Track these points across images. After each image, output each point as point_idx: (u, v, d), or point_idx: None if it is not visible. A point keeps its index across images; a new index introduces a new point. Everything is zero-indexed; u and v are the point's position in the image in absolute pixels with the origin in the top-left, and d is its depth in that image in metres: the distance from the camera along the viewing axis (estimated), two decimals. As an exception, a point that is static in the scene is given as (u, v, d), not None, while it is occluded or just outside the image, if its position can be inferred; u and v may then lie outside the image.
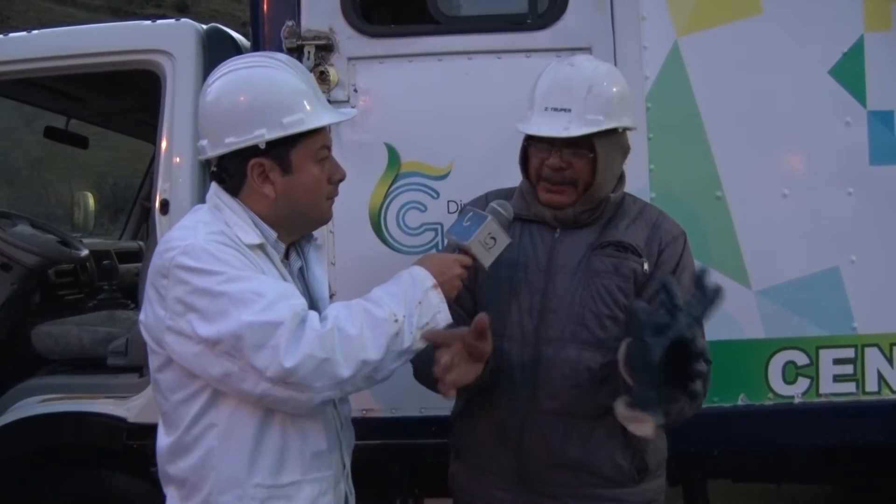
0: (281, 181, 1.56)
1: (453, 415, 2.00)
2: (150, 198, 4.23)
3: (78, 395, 2.82)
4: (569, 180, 1.80)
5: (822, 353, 2.46)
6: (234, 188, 1.59)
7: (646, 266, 1.81)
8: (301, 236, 1.70)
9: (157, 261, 1.50)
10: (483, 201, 1.96)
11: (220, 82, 1.57)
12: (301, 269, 1.70)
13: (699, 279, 1.50)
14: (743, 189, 2.45)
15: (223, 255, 1.46)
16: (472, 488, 1.92)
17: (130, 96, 3.69)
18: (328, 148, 1.62)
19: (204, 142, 1.58)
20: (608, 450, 1.78)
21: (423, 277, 1.56)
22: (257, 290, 1.43)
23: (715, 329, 1.99)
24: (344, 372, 1.43)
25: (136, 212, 4.78)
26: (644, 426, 1.52)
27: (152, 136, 3.68)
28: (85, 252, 3.88)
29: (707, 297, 1.48)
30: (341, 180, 1.67)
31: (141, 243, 4.68)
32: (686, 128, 2.45)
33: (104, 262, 4.18)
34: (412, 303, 1.52)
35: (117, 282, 4.14)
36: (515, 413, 1.81)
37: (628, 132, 1.85)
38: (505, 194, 1.96)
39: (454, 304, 1.71)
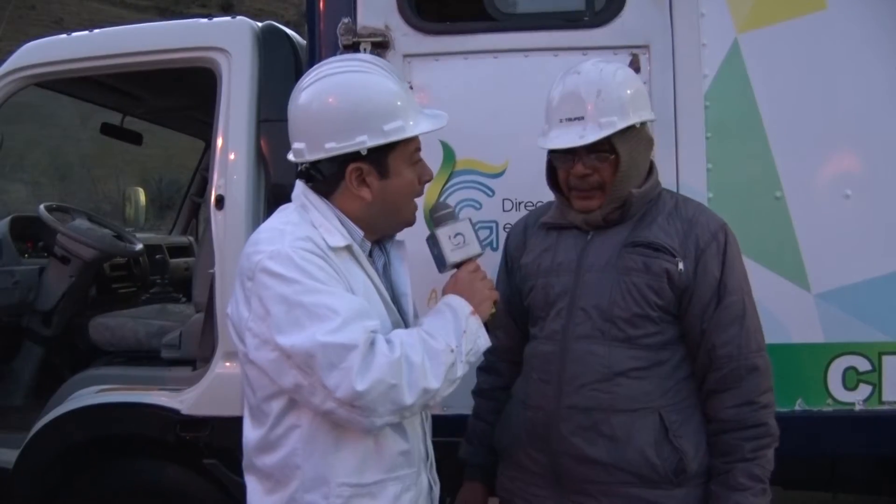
0: (377, 185, 1.59)
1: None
2: (199, 193, 4.33)
3: (133, 386, 2.88)
4: (596, 185, 1.83)
5: (886, 359, 2.38)
6: (327, 189, 1.61)
7: (681, 265, 1.78)
8: (385, 236, 1.72)
9: (244, 262, 1.53)
10: (521, 224, 2.04)
11: (318, 86, 1.57)
12: (384, 266, 1.71)
13: None
14: (803, 189, 2.39)
15: (305, 265, 1.48)
16: (513, 487, 1.93)
17: (185, 93, 3.76)
18: (419, 150, 1.65)
19: (301, 145, 1.59)
20: (638, 447, 1.75)
21: (460, 306, 1.59)
22: (332, 306, 1.44)
23: (772, 332, 1.95)
24: (408, 399, 1.46)
25: (186, 207, 4.86)
26: None
27: (205, 132, 3.74)
28: (139, 246, 3.97)
29: None
30: (430, 181, 1.70)
31: (191, 238, 4.76)
32: (745, 127, 2.40)
33: (156, 256, 4.26)
34: (459, 333, 1.55)
35: (168, 276, 4.23)
36: (544, 409, 1.82)
37: (650, 123, 1.88)
38: (542, 211, 2.01)
39: (507, 317, 1.91)
